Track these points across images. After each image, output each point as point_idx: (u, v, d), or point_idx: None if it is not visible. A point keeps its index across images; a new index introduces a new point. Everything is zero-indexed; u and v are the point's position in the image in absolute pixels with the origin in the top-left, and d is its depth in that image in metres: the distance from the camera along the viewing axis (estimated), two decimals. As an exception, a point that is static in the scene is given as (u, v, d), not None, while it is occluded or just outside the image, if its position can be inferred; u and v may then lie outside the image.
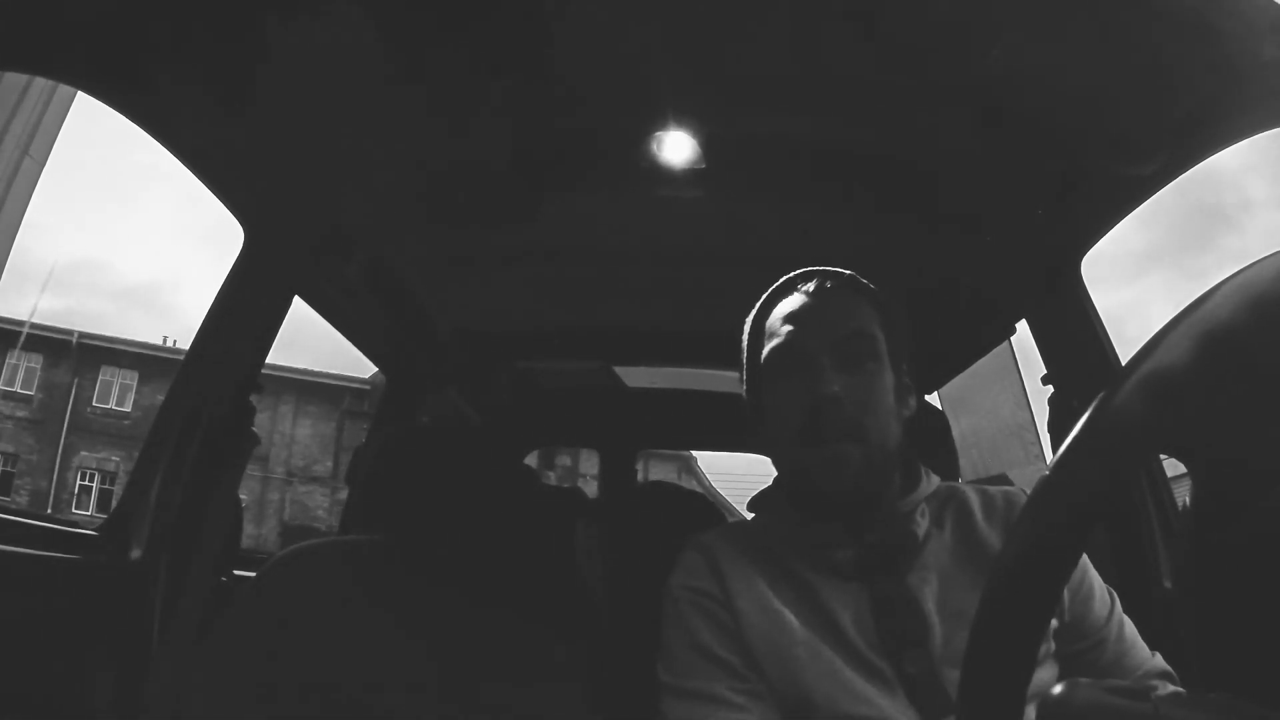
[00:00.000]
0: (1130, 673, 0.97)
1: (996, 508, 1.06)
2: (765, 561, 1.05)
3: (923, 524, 1.03)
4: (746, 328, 1.14)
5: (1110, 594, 1.03)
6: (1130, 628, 1.02)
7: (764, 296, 1.14)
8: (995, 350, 2.39)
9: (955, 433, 2.05)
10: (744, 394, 1.15)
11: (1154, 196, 1.47)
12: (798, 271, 1.13)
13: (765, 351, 1.07)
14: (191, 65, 1.31)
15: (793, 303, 1.08)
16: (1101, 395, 0.44)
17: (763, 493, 1.16)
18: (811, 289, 1.08)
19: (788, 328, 1.06)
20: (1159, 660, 1.00)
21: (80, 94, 1.32)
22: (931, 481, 1.08)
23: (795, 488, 1.09)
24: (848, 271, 1.11)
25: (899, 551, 1.01)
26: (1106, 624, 0.99)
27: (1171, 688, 0.95)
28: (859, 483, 0.99)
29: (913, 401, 1.08)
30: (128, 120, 1.35)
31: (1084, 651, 0.98)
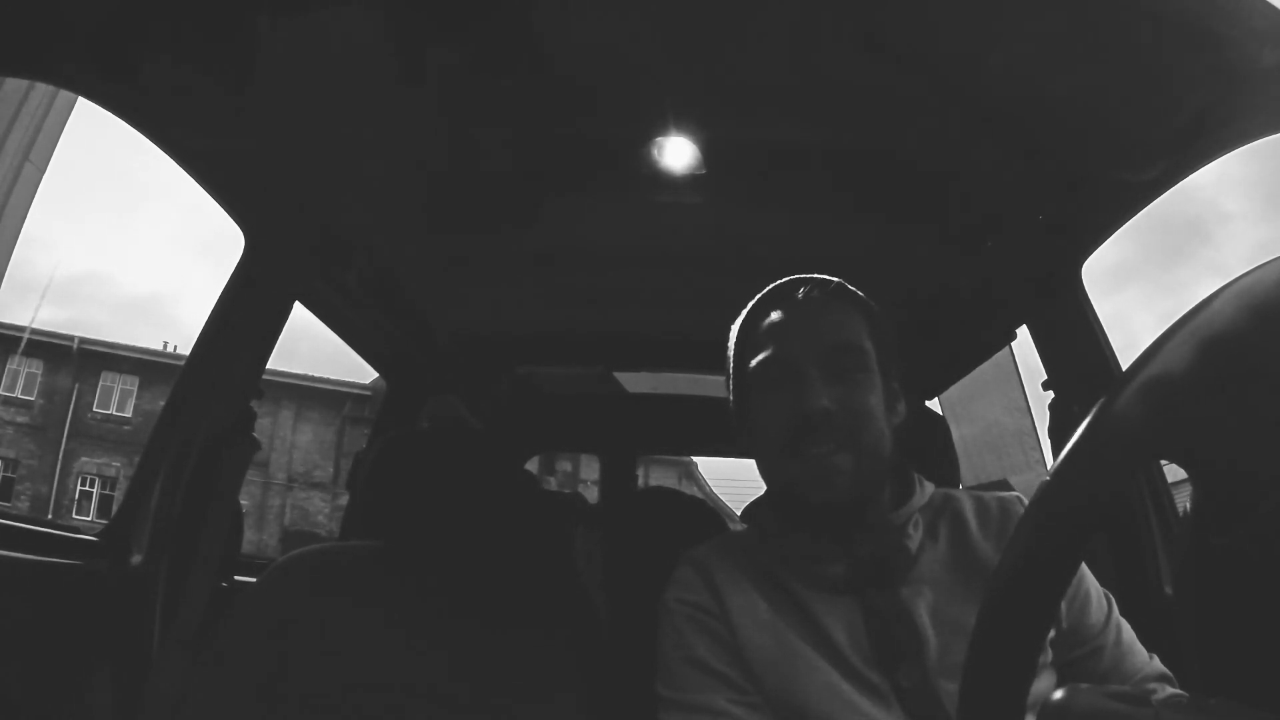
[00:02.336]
0: (1129, 677, 0.96)
1: (991, 515, 1.05)
2: (759, 575, 1.04)
3: (915, 536, 1.02)
4: (732, 336, 1.13)
5: (1107, 598, 1.02)
6: (1128, 631, 1.01)
7: (750, 305, 1.12)
8: (996, 356, 2.39)
9: (956, 438, 2.04)
10: (730, 403, 1.14)
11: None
12: (785, 280, 1.11)
13: (753, 363, 1.06)
14: (190, 69, 1.31)
15: (781, 313, 1.06)
16: (1102, 401, 0.44)
17: (753, 504, 1.15)
18: (799, 298, 1.06)
19: (776, 339, 1.04)
20: (1157, 663, 0.99)
21: (81, 101, 1.33)
22: (925, 491, 1.07)
23: (783, 499, 1.08)
24: (836, 279, 1.09)
25: (891, 565, 1.00)
26: (1104, 629, 0.98)
27: (1170, 690, 0.95)
28: (849, 492, 0.98)
29: (901, 408, 1.06)
30: (129, 128, 1.35)
31: (1082, 658, 0.97)
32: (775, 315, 1.07)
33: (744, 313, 1.12)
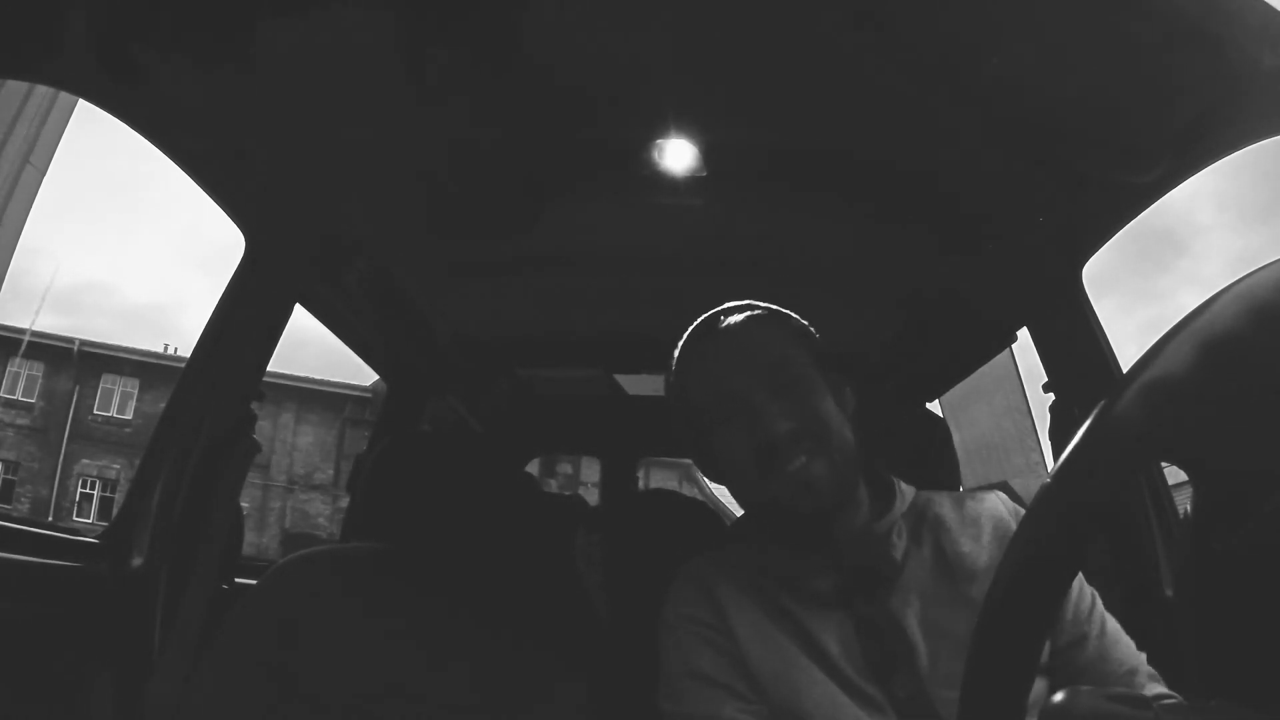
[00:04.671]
0: (1115, 668, 0.95)
1: (969, 516, 1.05)
2: (753, 589, 1.04)
3: (900, 544, 1.02)
4: (671, 379, 1.14)
5: (1092, 594, 1.01)
6: (1113, 624, 1.00)
7: (678, 352, 1.13)
8: (996, 358, 2.39)
9: (956, 440, 2.04)
10: (688, 442, 1.14)
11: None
12: (701, 319, 1.13)
13: (700, 403, 1.07)
14: (190, 70, 1.31)
15: (709, 350, 1.08)
16: (1102, 403, 0.44)
17: (738, 521, 1.16)
18: (721, 330, 1.08)
19: (715, 376, 1.05)
20: (1144, 660, 0.97)
21: (81, 105, 1.33)
22: (906, 497, 1.07)
23: (766, 518, 1.08)
24: (745, 302, 1.11)
25: (878, 576, 1.00)
26: (1088, 619, 0.97)
27: (1160, 688, 0.94)
28: (833, 496, 0.99)
29: (849, 395, 1.08)
30: (130, 138, 1.36)
31: (1065, 648, 0.96)
32: (705, 353, 1.09)
33: (675, 360, 1.13)
